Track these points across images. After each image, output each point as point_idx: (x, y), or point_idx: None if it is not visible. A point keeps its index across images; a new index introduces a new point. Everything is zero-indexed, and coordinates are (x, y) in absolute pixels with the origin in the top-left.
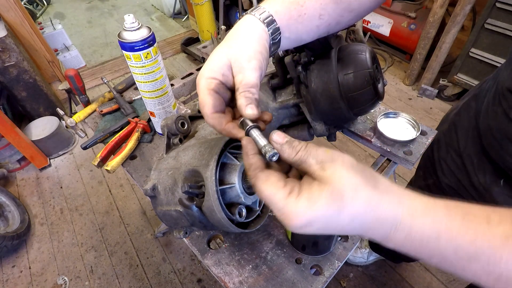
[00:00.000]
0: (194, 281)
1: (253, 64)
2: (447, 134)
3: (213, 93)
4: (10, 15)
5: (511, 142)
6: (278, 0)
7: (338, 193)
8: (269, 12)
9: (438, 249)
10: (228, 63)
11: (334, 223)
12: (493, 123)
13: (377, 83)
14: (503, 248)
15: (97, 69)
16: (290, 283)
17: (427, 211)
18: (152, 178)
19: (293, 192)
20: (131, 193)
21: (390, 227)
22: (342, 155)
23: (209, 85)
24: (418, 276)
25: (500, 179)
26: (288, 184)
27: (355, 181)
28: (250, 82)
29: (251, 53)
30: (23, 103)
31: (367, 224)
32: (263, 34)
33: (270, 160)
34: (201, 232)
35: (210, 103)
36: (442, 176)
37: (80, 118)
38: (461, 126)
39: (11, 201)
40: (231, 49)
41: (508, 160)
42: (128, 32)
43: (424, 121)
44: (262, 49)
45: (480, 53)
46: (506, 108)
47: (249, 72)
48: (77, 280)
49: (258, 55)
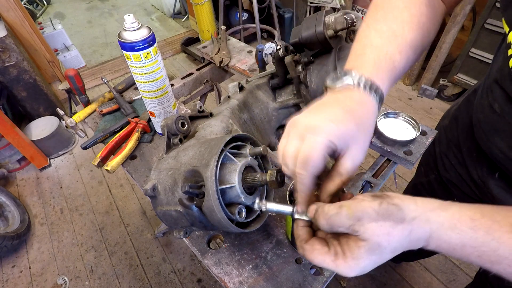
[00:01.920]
0: (194, 281)
1: (361, 159)
2: (448, 129)
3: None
4: (10, 15)
5: (496, 134)
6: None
7: (375, 245)
8: (382, 91)
9: (464, 255)
10: (349, 141)
11: (381, 262)
12: (480, 116)
13: None
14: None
15: (97, 69)
16: (290, 283)
17: (453, 225)
18: (152, 178)
19: (338, 254)
20: (131, 193)
21: (423, 243)
22: (363, 207)
23: (328, 148)
24: (418, 276)
25: (496, 172)
26: (331, 248)
27: (385, 227)
28: (351, 175)
29: (366, 145)
30: (23, 103)
31: (406, 247)
32: (376, 114)
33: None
34: (201, 232)
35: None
36: (443, 171)
37: (80, 118)
38: (461, 120)
39: (11, 201)
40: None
41: (495, 151)
42: (128, 32)
43: (424, 121)
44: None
45: (480, 53)
46: (491, 101)
47: (356, 166)
48: (77, 280)
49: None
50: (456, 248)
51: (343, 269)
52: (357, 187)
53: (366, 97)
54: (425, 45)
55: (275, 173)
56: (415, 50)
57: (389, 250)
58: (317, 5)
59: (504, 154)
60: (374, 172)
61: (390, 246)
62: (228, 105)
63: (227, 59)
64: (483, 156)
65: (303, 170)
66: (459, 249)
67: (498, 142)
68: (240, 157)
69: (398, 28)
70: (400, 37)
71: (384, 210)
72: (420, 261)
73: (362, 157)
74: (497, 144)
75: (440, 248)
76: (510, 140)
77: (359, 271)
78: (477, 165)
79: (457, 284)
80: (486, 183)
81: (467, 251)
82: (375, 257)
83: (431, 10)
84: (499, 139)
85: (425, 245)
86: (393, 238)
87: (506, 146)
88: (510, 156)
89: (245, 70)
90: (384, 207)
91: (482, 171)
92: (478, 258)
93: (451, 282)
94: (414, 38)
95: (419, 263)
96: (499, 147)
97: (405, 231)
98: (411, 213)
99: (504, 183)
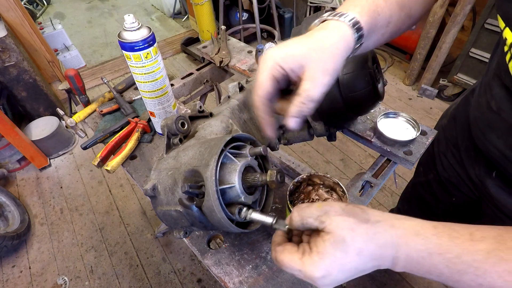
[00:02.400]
0: (194, 281)
1: (327, 80)
2: (446, 129)
3: (274, 80)
4: (10, 15)
5: (492, 132)
6: (359, 6)
7: (339, 238)
8: (357, 19)
9: (433, 266)
10: (302, 62)
11: (347, 264)
12: (477, 114)
13: (377, 83)
14: (486, 263)
15: (97, 69)
16: (290, 283)
17: (417, 231)
18: (152, 178)
19: (305, 252)
20: (131, 193)
21: (391, 250)
22: (331, 204)
23: (274, 71)
24: (418, 276)
25: (493, 171)
26: (300, 248)
27: (350, 222)
28: (314, 97)
29: (331, 67)
30: (23, 103)
31: (374, 254)
32: (350, 44)
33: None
34: (201, 232)
35: (267, 89)
36: (441, 170)
37: (80, 118)
38: (459, 120)
39: (11, 201)
40: (313, 48)
41: (491, 149)
42: (128, 32)
43: (424, 121)
44: (341, 65)
45: (480, 53)
46: (489, 98)
47: (319, 87)
48: (77, 280)
49: (334, 73)
50: (425, 257)
51: (308, 267)
52: (357, 187)
53: (335, 22)
54: (415, 11)
55: (275, 173)
56: (402, 8)
57: (354, 249)
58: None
59: (500, 152)
60: (374, 172)
61: (354, 244)
62: (228, 105)
63: (227, 59)
64: (481, 155)
65: (255, 94)
66: (428, 258)
67: (494, 140)
68: (240, 157)
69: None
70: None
71: (349, 209)
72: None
73: (321, 76)
74: (493, 142)
75: (410, 259)
76: (506, 138)
77: (323, 271)
78: (475, 164)
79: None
80: (483, 182)
81: (434, 259)
82: (340, 254)
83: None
84: (495, 137)
85: (394, 256)
86: (357, 235)
87: (502, 144)
88: (506, 154)
89: (245, 70)
90: (350, 207)
91: (480, 170)
92: (446, 269)
93: None
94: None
95: None
96: (495, 145)
97: (369, 231)
98: (375, 217)
99: (501, 182)
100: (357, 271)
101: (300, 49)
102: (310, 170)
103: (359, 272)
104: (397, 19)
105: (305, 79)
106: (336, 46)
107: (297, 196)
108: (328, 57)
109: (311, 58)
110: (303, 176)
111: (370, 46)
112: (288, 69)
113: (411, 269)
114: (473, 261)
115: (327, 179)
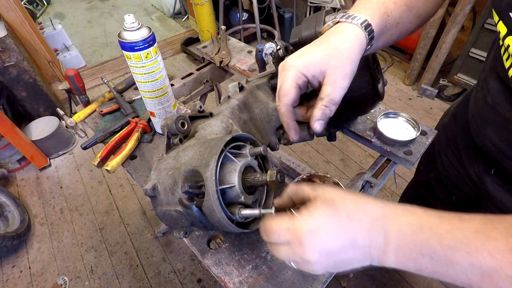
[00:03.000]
0: (194, 281)
1: (346, 84)
2: (447, 127)
3: (298, 87)
4: (10, 15)
5: (488, 126)
6: (370, 8)
7: (329, 200)
8: (369, 22)
9: (425, 241)
10: (323, 68)
11: (337, 226)
12: (475, 110)
13: (377, 83)
14: (476, 240)
15: (97, 69)
16: (290, 283)
17: (406, 209)
18: (152, 178)
19: (294, 215)
20: (131, 193)
21: (382, 222)
22: (321, 185)
23: (298, 79)
24: (418, 276)
25: (491, 169)
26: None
27: (340, 192)
28: (335, 100)
29: (349, 71)
30: (23, 103)
31: (364, 222)
32: (363, 46)
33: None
34: (201, 232)
35: (292, 97)
36: (441, 169)
37: (80, 118)
38: (459, 118)
39: (11, 201)
40: (332, 55)
41: (487, 145)
42: (128, 32)
43: (424, 121)
44: (356, 67)
45: (480, 53)
46: (485, 93)
47: (339, 91)
48: (77, 280)
49: (351, 76)
50: (416, 231)
51: (296, 222)
52: (357, 187)
53: (348, 25)
54: (424, 11)
55: (275, 173)
56: (411, 8)
57: (344, 211)
58: (317, 5)
59: (496, 147)
60: (374, 172)
61: (345, 207)
62: (228, 105)
63: (227, 59)
64: (480, 153)
65: (279, 101)
66: (419, 232)
67: (490, 135)
68: (240, 157)
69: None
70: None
71: (341, 190)
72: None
73: (340, 80)
74: (490, 136)
75: (402, 235)
76: (501, 132)
77: (312, 224)
78: (474, 162)
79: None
80: (482, 179)
81: (426, 234)
82: (329, 212)
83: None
84: (491, 131)
85: (385, 229)
86: (348, 201)
87: (497, 138)
88: (502, 149)
89: (245, 70)
90: (341, 190)
91: (479, 167)
92: (438, 245)
93: None
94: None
95: None
96: (491, 140)
97: (359, 200)
98: (365, 196)
99: (500, 179)
100: (347, 242)
101: (320, 56)
102: (310, 170)
103: (349, 246)
104: (405, 20)
105: (326, 84)
106: (352, 51)
107: None
108: (346, 62)
109: (330, 65)
110: (303, 176)
111: (379, 46)
112: (310, 76)
113: (404, 251)
114: (464, 236)
115: (327, 179)
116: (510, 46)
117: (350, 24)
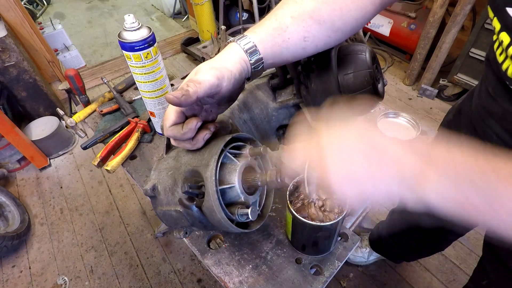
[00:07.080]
0: (194, 281)
1: (212, 72)
2: (452, 124)
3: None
4: (10, 15)
5: (491, 117)
6: (262, 28)
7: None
8: (253, 43)
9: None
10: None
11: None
12: (478, 101)
13: (377, 83)
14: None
15: (97, 69)
16: (290, 283)
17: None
18: (152, 178)
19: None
20: (131, 193)
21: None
22: None
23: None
24: (418, 276)
25: None
26: None
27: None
28: (198, 80)
29: (218, 66)
30: (23, 103)
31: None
32: (245, 66)
33: None
34: (201, 232)
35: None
36: None
37: (80, 118)
38: (464, 113)
39: (11, 201)
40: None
41: (490, 135)
42: (128, 32)
43: (424, 121)
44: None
45: (480, 53)
46: (487, 84)
47: (204, 74)
48: (77, 280)
49: (223, 70)
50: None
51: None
52: None
53: (234, 45)
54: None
55: (275, 173)
56: (321, 22)
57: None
58: None
59: (498, 136)
60: None
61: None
62: None
63: None
64: None
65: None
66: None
67: (492, 125)
68: (240, 157)
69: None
70: (299, 4)
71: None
72: (420, 261)
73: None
74: (492, 126)
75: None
76: (502, 122)
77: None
78: None
79: (457, 284)
80: None
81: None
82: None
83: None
84: (493, 122)
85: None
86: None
87: (499, 127)
88: (504, 138)
89: None
90: None
91: None
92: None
93: (451, 282)
94: (315, 8)
95: (419, 263)
96: (493, 129)
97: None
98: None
99: None
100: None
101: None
102: None
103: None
104: (317, 34)
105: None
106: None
107: (297, 196)
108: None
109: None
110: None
111: (289, 59)
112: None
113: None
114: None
115: None
116: (503, 41)
117: (236, 44)
